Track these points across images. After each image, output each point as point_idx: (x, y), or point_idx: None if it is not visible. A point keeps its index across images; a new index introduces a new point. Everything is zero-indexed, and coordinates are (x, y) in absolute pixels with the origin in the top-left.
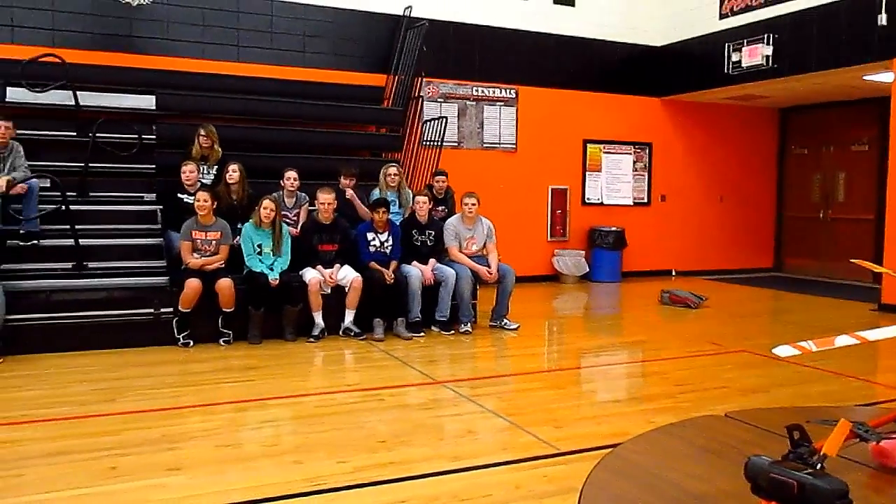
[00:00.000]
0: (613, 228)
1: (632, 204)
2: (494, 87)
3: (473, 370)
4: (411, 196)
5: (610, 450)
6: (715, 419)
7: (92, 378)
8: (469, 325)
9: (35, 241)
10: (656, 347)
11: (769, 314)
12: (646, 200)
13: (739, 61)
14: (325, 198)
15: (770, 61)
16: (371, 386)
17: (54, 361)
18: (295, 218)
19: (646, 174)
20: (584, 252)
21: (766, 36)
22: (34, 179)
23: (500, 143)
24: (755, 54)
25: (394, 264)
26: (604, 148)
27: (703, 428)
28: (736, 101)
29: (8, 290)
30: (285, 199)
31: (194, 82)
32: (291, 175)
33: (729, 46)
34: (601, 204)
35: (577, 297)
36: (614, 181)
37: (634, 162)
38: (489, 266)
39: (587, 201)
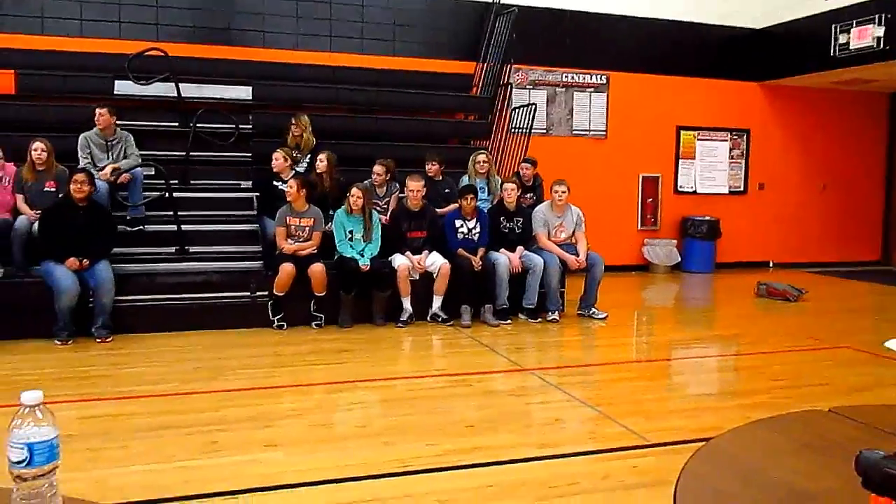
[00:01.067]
0: (707, 218)
1: (727, 192)
2: (585, 74)
3: (561, 359)
4: (499, 183)
5: (703, 443)
6: (818, 414)
7: (193, 357)
8: (556, 313)
9: (141, 227)
10: (752, 341)
11: (874, 310)
12: (742, 189)
13: (847, 43)
14: (414, 185)
15: (881, 43)
16: (459, 371)
17: (158, 341)
18: (385, 206)
19: (742, 161)
20: (675, 242)
21: (877, 16)
22: (139, 168)
23: (589, 130)
24: (864, 35)
25: (481, 251)
26: (698, 135)
27: (805, 423)
28: (842, 86)
29: (116, 273)
30: (376, 188)
31: (288, 73)
32: (378, 170)
33: (836, 28)
34: (694, 192)
35: (667, 288)
36: (709, 169)
37: (731, 149)
38: (578, 254)
39: (680, 190)
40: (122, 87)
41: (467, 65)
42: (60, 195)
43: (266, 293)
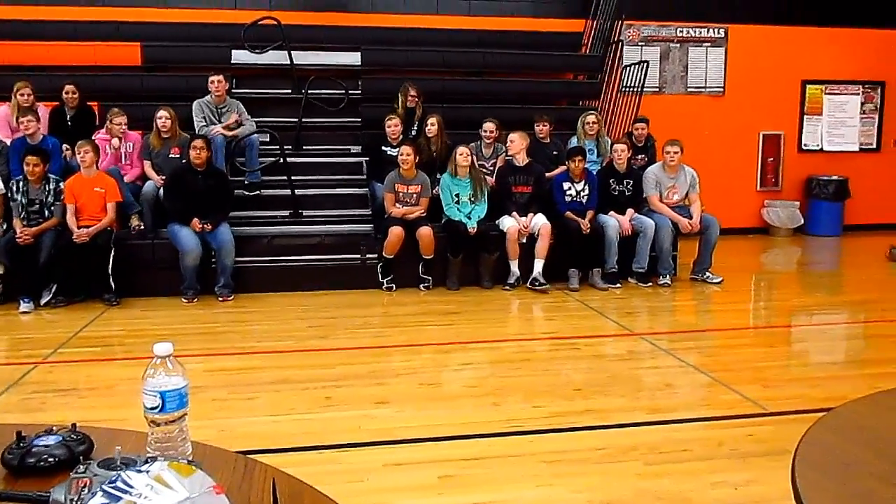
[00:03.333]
0: (835, 177)
1: (857, 150)
2: (701, 27)
3: (673, 323)
4: (609, 144)
5: (826, 412)
6: None
7: (308, 316)
8: (668, 277)
9: (258, 192)
10: (882, 308)
11: None
12: (875, 146)
13: None
14: (514, 136)
15: None
16: (567, 335)
17: (274, 300)
18: (492, 167)
19: (875, 116)
20: (798, 203)
21: None
22: (255, 134)
23: (705, 87)
24: None
25: (590, 214)
26: (826, 89)
27: None
28: None
29: (236, 235)
30: (483, 149)
31: (397, 37)
32: (489, 126)
33: None
34: (821, 150)
35: (789, 252)
36: (837, 125)
37: (862, 103)
38: (691, 217)
39: (804, 148)
40: (239, 56)
41: (577, 23)
42: (184, 160)
43: (375, 256)
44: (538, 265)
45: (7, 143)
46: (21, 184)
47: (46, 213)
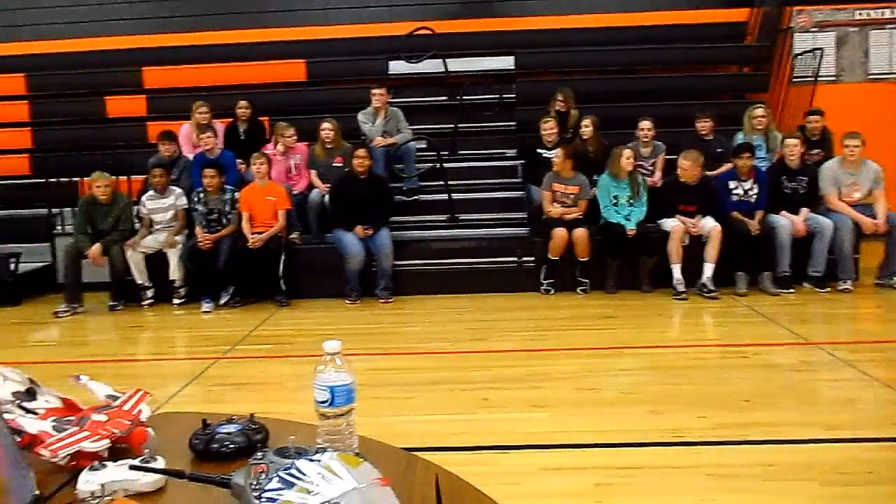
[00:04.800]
0: None
1: None
2: (884, 8)
3: (854, 333)
4: (780, 139)
5: None
6: None
7: (464, 318)
8: (849, 282)
9: (415, 197)
10: None
11: None
12: None
13: None
14: (686, 163)
15: None
16: (733, 342)
17: (432, 302)
18: (651, 168)
19: None
20: None
21: None
22: (412, 141)
23: (891, 74)
24: None
25: (759, 214)
26: None
27: None
28: None
29: (395, 240)
30: (640, 149)
31: (550, 39)
32: (646, 125)
33: None
34: None
35: None
36: None
37: None
38: (875, 216)
39: None
40: (396, 66)
41: (740, 12)
42: (346, 169)
43: (531, 259)
44: (708, 270)
45: (189, 158)
46: (202, 195)
47: (224, 220)
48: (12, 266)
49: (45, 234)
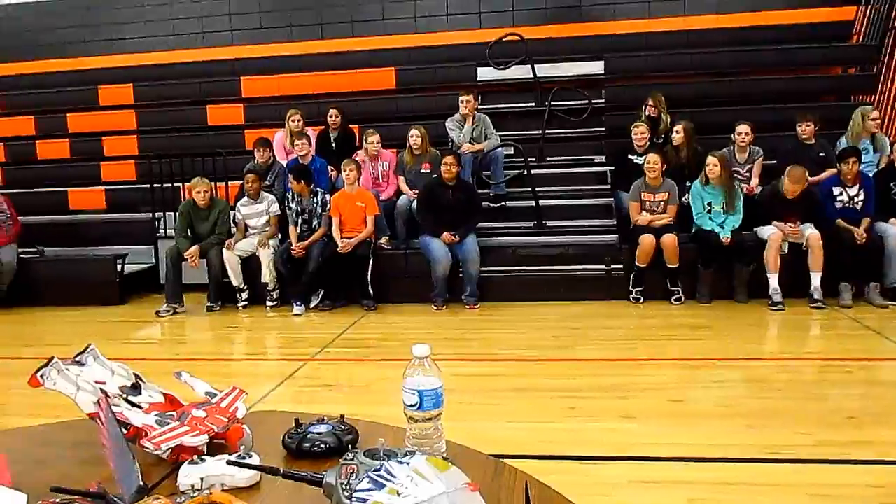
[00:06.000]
0: None
1: None
2: None
3: None
4: (889, 143)
5: None
6: None
7: (551, 326)
8: None
9: (502, 203)
10: None
11: None
12: None
13: None
14: (790, 186)
15: None
16: (836, 356)
17: (518, 309)
18: (747, 174)
19: None
20: None
21: None
22: (500, 148)
23: None
24: None
25: (866, 222)
26: None
27: None
28: None
29: (481, 246)
30: (736, 154)
31: (641, 43)
32: (743, 129)
33: None
34: None
35: None
36: None
37: None
38: None
39: None
40: (484, 73)
41: (845, 10)
42: (434, 175)
43: (620, 266)
44: (815, 279)
45: (283, 164)
46: (296, 195)
47: (315, 222)
48: (119, 267)
49: (149, 237)
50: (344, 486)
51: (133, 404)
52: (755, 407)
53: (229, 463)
